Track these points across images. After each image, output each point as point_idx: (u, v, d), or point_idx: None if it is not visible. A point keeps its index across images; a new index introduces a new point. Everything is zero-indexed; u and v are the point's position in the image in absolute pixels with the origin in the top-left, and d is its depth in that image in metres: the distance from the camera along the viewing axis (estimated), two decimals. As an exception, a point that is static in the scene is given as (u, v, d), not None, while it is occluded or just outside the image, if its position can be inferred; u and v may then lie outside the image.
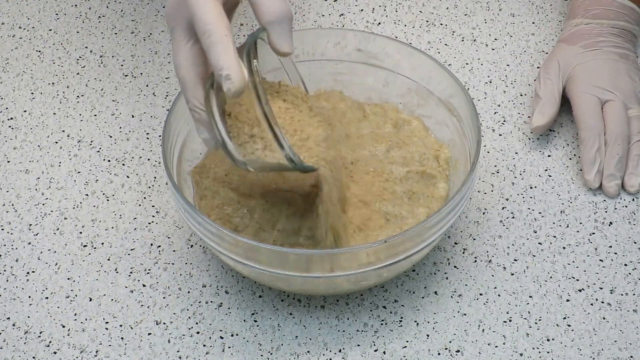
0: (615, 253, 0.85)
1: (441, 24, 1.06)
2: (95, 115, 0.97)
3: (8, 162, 0.93)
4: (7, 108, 0.98)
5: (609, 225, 0.87)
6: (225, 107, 0.71)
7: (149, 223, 0.88)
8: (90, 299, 0.83)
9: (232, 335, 0.80)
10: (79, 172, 0.92)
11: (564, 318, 0.81)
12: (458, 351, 0.79)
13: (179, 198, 0.77)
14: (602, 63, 0.94)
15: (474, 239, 0.86)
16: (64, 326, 0.81)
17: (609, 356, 0.79)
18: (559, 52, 0.97)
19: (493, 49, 1.03)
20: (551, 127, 0.95)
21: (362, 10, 1.08)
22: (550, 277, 0.84)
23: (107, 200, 0.90)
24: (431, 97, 0.88)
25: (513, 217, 0.88)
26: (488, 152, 0.93)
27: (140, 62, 1.02)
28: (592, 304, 0.82)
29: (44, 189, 0.91)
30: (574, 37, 0.97)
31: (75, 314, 0.82)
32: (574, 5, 1.00)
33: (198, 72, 0.72)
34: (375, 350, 0.79)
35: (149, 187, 0.91)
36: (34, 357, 0.79)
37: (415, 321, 0.81)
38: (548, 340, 0.80)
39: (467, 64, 1.02)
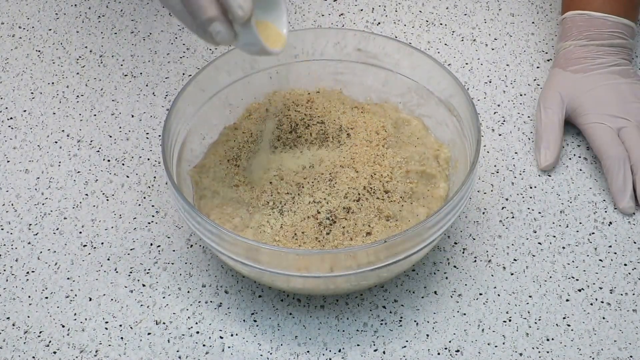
0: (615, 253, 0.85)
1: (441, 24, 1.06)
2: (95, 115, 0.97)
3: (8, 162, 0.93)
4: (7, 108, 0.98)
5: (609, 225, 0.87)
6: None
7: (149, 223, 0.88)
8: (90, 299, 0.83)
9: (232, 335, 0.80)
10: (78, 172, 0.92)
11: (564, 318, 0.81)
12: (458, 351, 0.79)
13: (179, 198, 0.77)
14: (607, 89, 0.92)
15: (474, 239, 0.86)
16: (63, 326, 0.81)
17: (608, 356, 0.79)
18: (556, 80, 0.94)
19: (493, 49, 1.03)
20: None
21: (361, 10, 1.07)
22: (550, 277, 0.84)
23: (107, 200, 0.90)
24: (431, 97, 0.88)
25: (513, 217, 0.88)
26: (488, 152, 0.93)
27: (140, 62, 1.02)
28: (591, 304, 0.82)
29: (44, 189, 0.91)
30: (570, 62, 0.95)
31: (75, 314, 0.82)
32: (564, 28, 0.97)
33: None
34: (375, 350, 0.79)
35: (149, 187, 0.91)
36: (33, 357, 0.79)
37: (415, 321, 0.81)
38: (548, 340, 0.80)
39: (467, 63, 1.02)
